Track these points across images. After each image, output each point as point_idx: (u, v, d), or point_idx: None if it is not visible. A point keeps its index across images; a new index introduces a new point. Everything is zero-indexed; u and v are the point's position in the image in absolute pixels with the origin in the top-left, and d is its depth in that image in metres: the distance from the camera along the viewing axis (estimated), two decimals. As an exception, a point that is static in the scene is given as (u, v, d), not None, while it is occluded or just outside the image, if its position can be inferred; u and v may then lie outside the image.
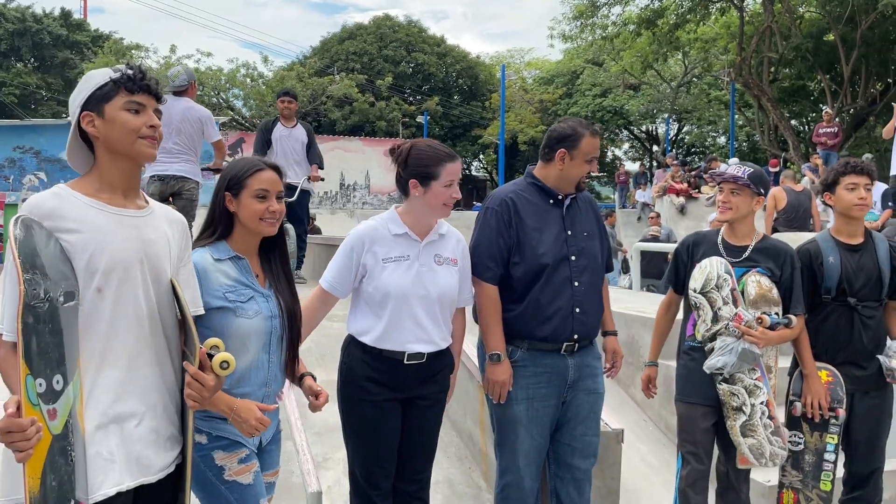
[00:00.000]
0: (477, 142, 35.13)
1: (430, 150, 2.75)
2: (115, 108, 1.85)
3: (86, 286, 1.78)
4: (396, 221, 2.77)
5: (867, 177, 3.23)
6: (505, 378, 2.89)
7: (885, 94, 20.83)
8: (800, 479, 3.27)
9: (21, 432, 1.52)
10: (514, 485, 3.00)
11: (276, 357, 2.34)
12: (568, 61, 35.85)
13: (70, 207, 1.80)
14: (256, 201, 2.28)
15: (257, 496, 2.26)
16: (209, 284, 2.22)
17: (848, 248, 3.24)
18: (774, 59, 21.89)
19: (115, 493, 1.77)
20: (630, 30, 22.44)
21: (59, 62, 36.24)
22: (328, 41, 35.93)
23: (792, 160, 21.02)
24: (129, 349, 1.84)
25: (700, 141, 36.22)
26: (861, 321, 3.19)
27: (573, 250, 2.95)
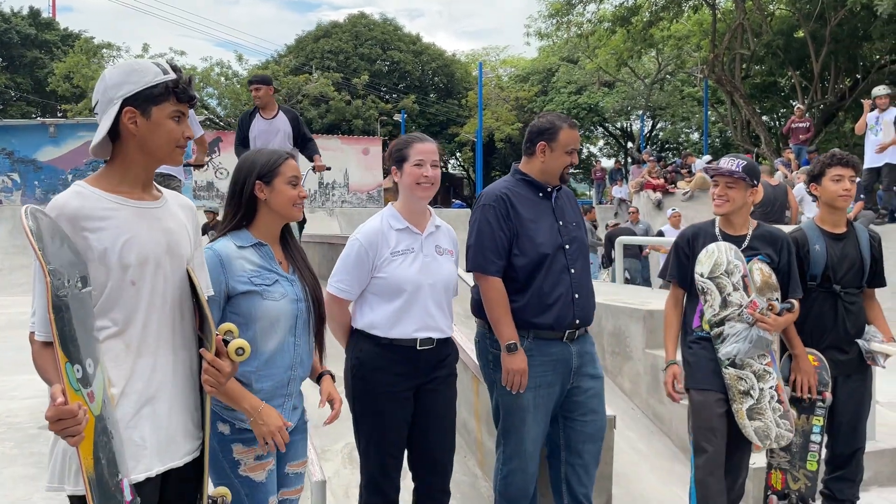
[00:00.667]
0: (454, 139, 35.17)
1: (404, 136, 2.95)
2: (163, 113, 1.86)
3: (120, 280, 1.82)
4: (396, 216, 2.89)
5: (852, 169, 3.36)
6: (523, 367, 2.98)
7: (854, 89, 21.26)
8: (787, 459, 3.40)
9: (72, 418, 1.55)
10: (519, 470, 3.09)
11: (302, 341, 2.39)
12: (543, 59, 36.04)
13: (94, 206, 1.81)
14: (290, 188, 2.38)
15: (267, 494, 2.30)
16: (233, 270, 2.29)
17: (832, 236, 3.38)
18: (746, 56, 22.22)
19: (144, 478, 1.82)
20: (605, 27, 22.67)
21: (29, 62, 35.61)
22: (303, 39, 35.74)
23: (764, 155, 21.37)
24: (160, 337, 1.89)
25: (674, 137, 36.61)
26: (844, 307, 3.34)
27: (566, 239, 3.09)
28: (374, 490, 2.84)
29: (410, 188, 2.85)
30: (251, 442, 2.27)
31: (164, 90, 1.85)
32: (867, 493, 4.25)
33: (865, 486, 4.32)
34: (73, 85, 27.91)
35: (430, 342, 2.81)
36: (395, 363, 2.79)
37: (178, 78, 1.88)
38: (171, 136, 1.88)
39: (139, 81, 1.84)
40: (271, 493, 2.33)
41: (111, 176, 1.88)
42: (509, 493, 3.14)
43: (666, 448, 4.50)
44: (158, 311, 1.89)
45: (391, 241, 2.83)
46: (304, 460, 2.51)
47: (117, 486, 1.70)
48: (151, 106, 1.84)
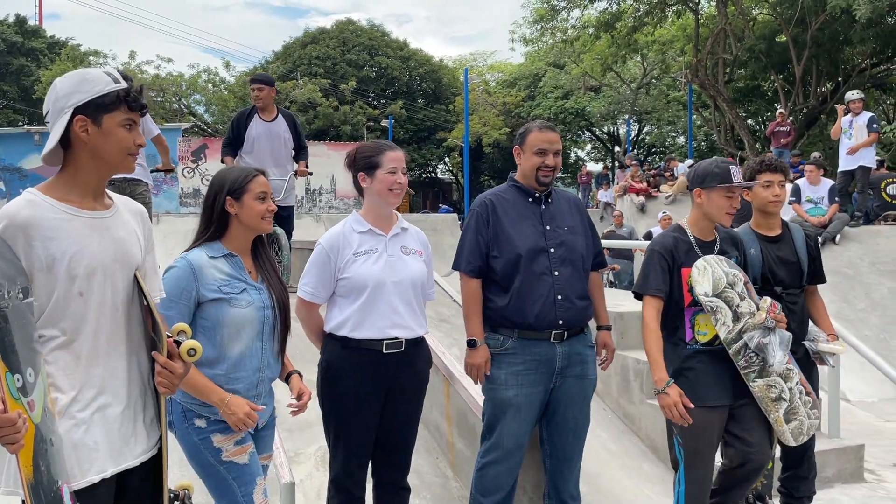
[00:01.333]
0: (442, 145, 35.29)
1: (372, 144, 3.04)
2: (114, 121, 1.88)
3: (67, 290, 1.84)
4: (359, 220, 3.00)
5: (781, 174, 3.42)
6: (480, 362, 3.14)
7: (836, 93, 21.47)
8: None
9: (11, 426, 1.58)
10: (495, 463, 3.20)
11: (268, 345, 2.55)
12: (530, 64, 36.21)
13: (45, 216, 1.82)
14: (258, 203, 2.53)
15: (254, 475, 2.46)
16: (205, 279, 2.45)
17: (767, 239, 3.45)
18: (729, 61, 22.42)
19: (99, 479, 1.86)
20: (589, 33, 22.77)
21: (15, 69, 35.49)
22: (290, 46, 35.78)
23: (748, 158, 21.56)
24: (110, 344, 1.93)
25: (660, 141, 36.83)
26: (787, 308, 3.40)
27: (552, 243, 3.18)
28: (339, 487, 2.95)
29: (382, 194, 2.95)
30: (228, 430, 2.43)
31: (115, 99, 1.87)
32: (831, 490, 4.36)
33: (829, 483, 4.42)
34: (60, 93, 27.76)
35: (397, 344, 2.89)
36: (363, 365, 2.87)
37: (129, 87, 1.89)
38: (122, 144, 1.90)
39: (90, 90, 1.86)
40: (257, 474, 2.49)
41: (63, 184, 1.90)
42: (483, 485, 3.24)
43: (635, 447, 4.59)
44: (108, 320, 1.92)
45: (353, 243, 2.93)
46: (271, 454, 2.69)
47: (56, 494, 1.73)
48: (102, 114, 1.86)
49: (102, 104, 1.86)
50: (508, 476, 3.24)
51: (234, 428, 2.40)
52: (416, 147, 35.50)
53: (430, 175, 40.09)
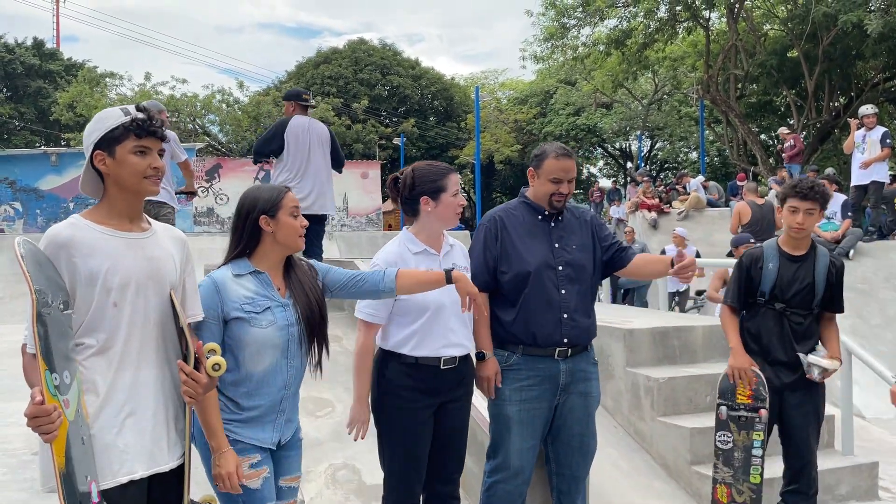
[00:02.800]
0: (454, 162, 35.38)
1: (433, 167, 3.05)
2: (125, 151, 2.09)
3: (104, 302, 2.04)
4: (414, 241, 3.04)
5: (810, 202, 3.40)
6: (490, 374, 3.15)
7: (849, 107, 21.40)
8: (731, 474, 3.50)
9: (46, 416, 1.79)
10: (503, 482, 3.21)
11: (295, 361, 2.57)
12: (541, 81, 36.32)
13: (84, 235, 2.05)
14: (293, 219, 2.56)
15: (263, 500, 2.47)
16: (228, 297, 2.50)
17: (790, 258, 3.50)
18: (740, 76, 22.41)
19: (127, 480, 2.01)
20: (600, 50, 22.84)
21: (33, 91, 36.08)
22: (304, 66, 36.13)
23: (761, 174, 21.49)
24: (140, 354, 2.10)
25: (673, 157, 36.78)
26: (790, 327, 3.46)
27: (560, 261, 3.20)
28: (397, 502, 2.99)
29: (447, 218, 3.01)
30: (244, 451, 2.46)
31: (123, 130, 2.08)
32: (845, 508, 4.31)
33: (844, 501, 4.38)
34: (77, 114, 28.23)
35: (452, 361, 2.98)
36: (420, 381, 2.94)
37: (134, 117, 2.09)
38: (135, 168, 2.09)
39: (103, 127, 2.10)
40: (268, 500, 2.49)
41: (101, 211, 2.14)
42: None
43: (646, 465, 4.56)
44: (140, 331, 2.09)
45: (410, 263, 2.97)
46: (298, 475, 2.68)
47: (86, 486, 1.90)
48: (115, 146, 2.09)
49: (113, 137, 2.09)
50: (517, 495, 3.24)
51: (216, 479, 2.39)
52: (428, 165, 35.51)
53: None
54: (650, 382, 4.62)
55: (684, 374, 4.62)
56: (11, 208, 18.15)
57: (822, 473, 4.19)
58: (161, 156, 2.17)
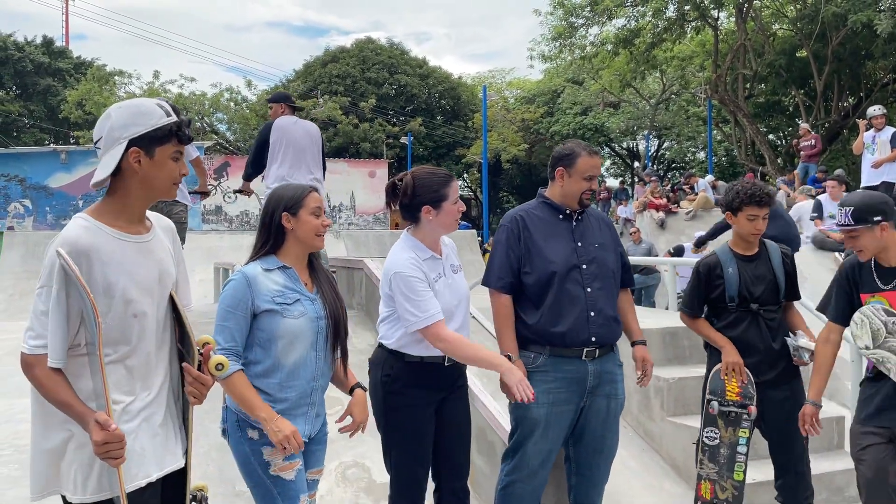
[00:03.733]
0: (461, 161, 35.39)
1: (433, 175, 3.00)
2: (165, 154, 2.01)
3: (125, 314, 1.99)
4: (421, 247, 3.00)
5: (766, 208, 3.49)
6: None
7: (858, 107, 21.32)
8: (716, 470, 3.52)
9: (119, 442, 1.80)
10: (520, 482, 3.21)
11: (322, 354, 2.62)
12: (548, 80, 36.27)
13: (101, 241, 1.96)
14: (313, 218, 2.61)
15: (298, 491, 2.53)
16: (259, 290, 2.54)
17: (744, 258, 3.57)
18: (749, 76, 22.36)
19: (146, 483, 2.00)
20: (608, 49, 22.82)
21: (42, 89, 36.23)
22: (311, 64, 36.18)
23: (769, 174, 21.43)
24: (154, 357, 2.08)
25: (680, 156, 36.69)
26: (766, 324, 3.51)
27: (583, 259, 3.20)
28: (406, 500, 2.99)
29: (447, 225, 3.01)
30: None
31: (167, 133, 1.99)
32: (854, 510, 4.29)
33: (854, 502, 4.36)
34: (86, 112, 28.37)
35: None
36: (424, 378, 2.96)
37: (180, 121, 2.02)
38: (170, 174, 2.04)
39: (146, 123, 1.98)
40: (302, 492, 2.55)
41: (111, 209, 2.02)
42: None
43: (657, 465, 4.56)
44: (154, 336, 2.07)
45: (425, 269, 2.97)
46: (322, 468, 2.75)
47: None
48: (156, 147, 1.99)
49: (156, 137, 1.98)
50: (533, 495, 3.24)
51: (278, 446, 2.45)
52: (434, 163, 35.57)
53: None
54: (660, 383, 4.62)
55: (694, 375, 4.61)
56: (21, 205, 18.24)
57: (831, 475, 4.19)
58: None
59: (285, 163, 5.99)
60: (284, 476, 2.51)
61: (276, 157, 6.01)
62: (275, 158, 6.03)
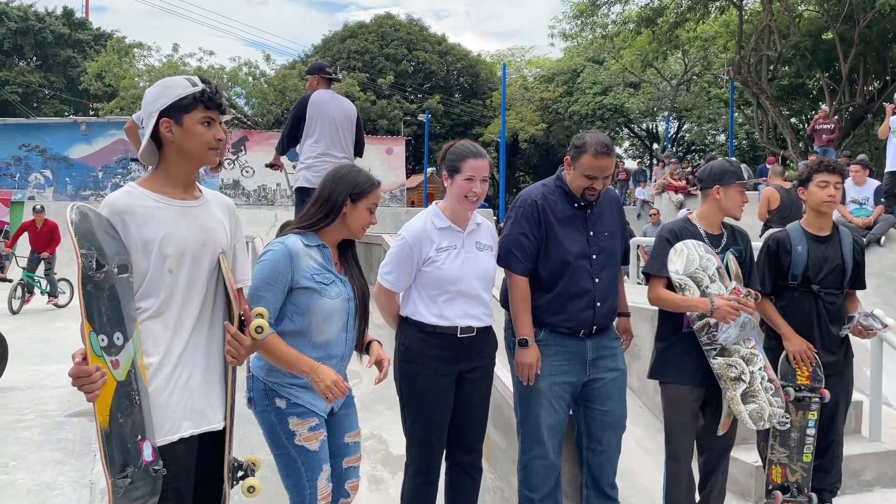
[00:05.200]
0: (478, 140, 35.23)
1: (461, 147, 3.09)
2: (192, 120, 2.11)
3: (159, 269, 2.09)
4: (439, 216, 3.09)
5: (839, 175, 3.48)
6: (532, 361, 3.16)
7: (883, 92, 20.97)
8: (786, 454, 3.52)
9: (87, 377, 1.84)
10: (540, 457, 3.26)
11: (350, 335, 2.69)
12: (568, 59, 35.96)
13: (140, 204, 2.10)
14: (367, 213, 2.68)
15: (321, 461, 2.59)
16: (300, 266, 2.58)
17: (816, 238, 3.53)
18: (773, 58, 22.03)
19: (177, 439, 2.08)
20: (630, 28, 22.57)
21: (62, 61, 36.39)
22: (330, 40, 36.05)
23: (790, 158, 21.18)
24: (194, 318, 2.16)
25: (700, 139, 36.34)
26: (825, 307, 3.49)
27: (594, 249, 3.22)
28: (418, 469, 3.07)
29: (458, 199, 3.04)
30: (305, 415, 2.58)
31: (192, 100, 2.11)
32: (870, 494, 4.30)
33: (869, 487, 4.37)
34: (105, 84, 28.46)
35: (470, 330, 3.03)
36: (439, 349, 3.00)
37: (204, 88, 2.13)
38: (202, 139, 2.13)
39: (171, 95, 2.11)
40: (324, 461, 2.60)
41: (157, 179, 2.17)
42: (530, 481, 3.29)
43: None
44: (194, 296, 2.15)
45: (435, 238, 3.03)
46: (358, 431, 2.83)
47: (136, 446, 1.94)
48: (183, 115, 2.10)
49: (182, 106, 2.10)
50: (553, 468, 3.29)
51: (322, 396, 2.49)
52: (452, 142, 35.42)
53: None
54: (677, 363, 4.60)
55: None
56: (42, 176, 18.41)
57: (847, 459, 4.18)
58: None
59: (322, 139, 5.97)
60: (309, 446, 2.57)
61: (314, 133, 5.98)
62: (311, 134, 5.99)
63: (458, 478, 3.17)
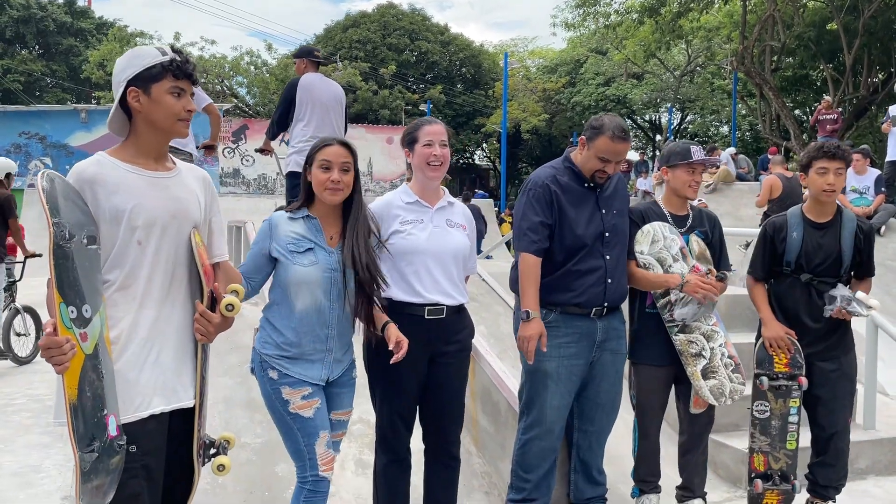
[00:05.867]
0: (480, 130, 35.13)
1: (415, 120, 3.15)
2: (161, 90, 2.07)
3: (128, 240, 2.05)
4: (407, 192, 3.10)
5: (840, 161, 3.35)
6: (533, 334, 3.11)
7: (888, 83, 20.84)
8: (768, 442, 3.46)
9: (58, 348, 1.82)
10: (538, 439, 3.24)
11: (336, 305, 2.68)
12: (571, 50, 35.77)
13: (109, 173, 2.05)
14: (320, 171, 2.67)
15: (317, 427, 2.64)
16: (278, 237, 2.69)
17: (814, 225, 3.42)
18: (777, 48, 21.88)
19: (147, 415, 2.05)
20: (633, 18, 22.43)
21: (64, 49, 36.29)
22: (332, 29, 35.88)
23: (794, 149, 21.07)
24: (164, 292, 2.11)
25: (703, 130, 36.17)
26: (818, 295, 3.38)
27: (606, 228, 3.23)
28: (385, 447, 3.08)
29: (421, 167, 3.04)
30: (296, 385, 2.64)
31: (161, 69, 2.07)
32: (864, 482, 4.27)
33: (862, 475, 4.33)
34: (107, 72, 28.36)
35: (439, 310, 2.99)
36: (406, 329, 2.92)
37: (173, 58, 2.08)
38: (171, 110, 2.09)
39: (139, 64, 2.07)
40: (322, 428, 2.65)
41: (128, 149, 2.13)
42: (526, 462, 3.28)
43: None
44: (163, 269, 2.11)
45: (400, 213, 3.02)
46: (349, 410, 2.86)
47: (101, 420, 1.91)
48: (151, 84, 2.06)
49: (150, 75, 2.06)
50: (551, 451, 3.28)
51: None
52: (454, 132, 35.35)
53: (468, 161, 39.99)
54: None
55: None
56: (42, 163, 18.40)
57: (841, 447, 4.14)
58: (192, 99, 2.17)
59: (311, 122, 5.90)
60: (303, 413, 2.62)
61: (304, 117, 5.91)
62: (301, 118, 5.93)
63: (436, 470, 3.14)
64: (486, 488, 3.92)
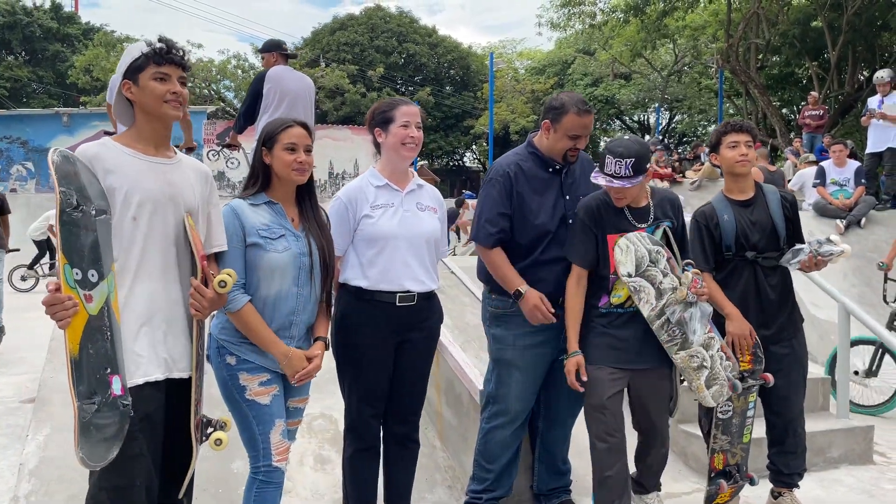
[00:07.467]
0: (469, 132, 35.10)
1: (388, 100, 3.07)
2: (146, 77, 2.27)
3: (123, 216, 2.20)
4: (376, 175, 3.03)
5: (747, 134, 3.34)
6: (536, 301, 3.05)
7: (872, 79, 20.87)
8: (728, 440, 3.38)
9: (60, 304, 1.94)
10: (503, 427, 3.20)
11: (304, 290, 2.67)
12: (559, 51, 35.81)
13: (110, 154, 2.23)
14: (286, 153, 2.64)
15: (273, 415, 2.59)
16: (248, 222, 2.61)
17: (740, 204, 3.37)
18: (762, 46, 21.89)
19: (143, 382, 2.16)
20: (618, 17, 22.40)
21: (50, 55, 36.08)
22: (319, 32, 35.82)
23: (779, 146, 21.08)
24: (158, 268, 2.25)
25: (691, 130, 36.22)
26: (764, 273, 3.31)
27: (570, 214, 3.15)
28: (354, 435, 3.02)
29: (396, 148, 2.96)
30: (255, 370, 2.59)
31: (145, 59, 2.27)
32: (836, 471, 4.21)
33: (835, 464, 4.28)
34: (94, 78, 28.24)
35: (410, 297, 2.94)
36: (376, 317, 2.91)
37: (154, 47, 2.27)
38: (155, 93, 2.26)
39: (129, 59, 2.30)
40: (277, 416, 2.60)
41: (130, 136, 2.33)
42: (488, 451, 3.23)
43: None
44: (157, 246, 2.24)
45: (370, 196, 2.96)
46: (306, 397, 2.82)
47: (104, 377, 2.01)
48: (138, 75, 2.27)
49: (137, 66, 2.28)
50: (514, 440, 3.23)
51: (290, 380, 2.59)
52: (443, 134, 35.35)
53: (457, 163, 39.96)
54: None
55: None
56: (24, 168, 18.24)
57: (814, 435, 4.08)
58: (184, 84, 2.31)
59: (277, 112, 5.80)
60: (259, 400, 2.57)
61: (269, 108, 5.85)
62: (266, 109, 5.86)
63: (394, 450, 3.09)
64: (450, 482, 3.85)
